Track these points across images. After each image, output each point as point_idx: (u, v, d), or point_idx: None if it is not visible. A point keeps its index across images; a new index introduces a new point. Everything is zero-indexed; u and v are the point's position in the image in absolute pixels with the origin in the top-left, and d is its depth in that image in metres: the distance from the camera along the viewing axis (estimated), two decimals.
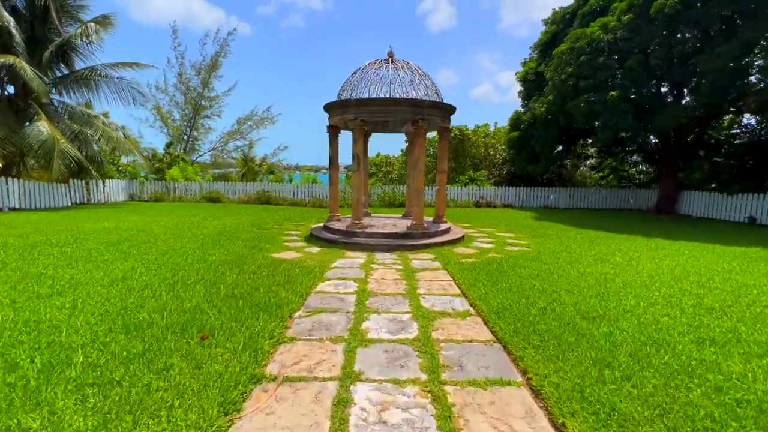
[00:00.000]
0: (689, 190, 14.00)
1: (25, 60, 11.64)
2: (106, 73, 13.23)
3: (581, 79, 12.00)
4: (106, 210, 11.83)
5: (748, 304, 3.81)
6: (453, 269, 5.22)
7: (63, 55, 13.10)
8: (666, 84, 12.91)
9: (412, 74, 7.74)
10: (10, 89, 12.63)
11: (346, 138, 8.70)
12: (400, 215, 10.16)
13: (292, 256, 5.94)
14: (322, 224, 8.57)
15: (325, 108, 7.89)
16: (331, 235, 7.37)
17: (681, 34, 11.12)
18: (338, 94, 7.89)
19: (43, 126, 11.57)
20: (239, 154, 23.01)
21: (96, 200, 14.46)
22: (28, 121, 12.02)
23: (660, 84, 12.76)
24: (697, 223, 11.42)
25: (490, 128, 20.82)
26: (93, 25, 12.45)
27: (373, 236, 7.15)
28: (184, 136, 23.39)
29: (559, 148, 16.29)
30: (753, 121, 14.85)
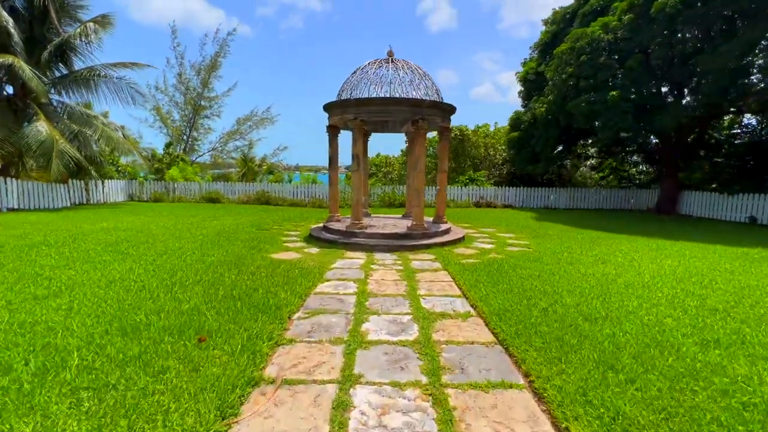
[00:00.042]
0: (689, 190, 13.98)
1: (23, 60, 11.60)
2: (105, 73, 13.19)
3: (582, 79, 11.97)
4: (105, 210, 11.79)
5: (752, 305, 3.77)
6: (453, 270, 5.19)
7: (62, 55, 13.07)
8: (666, 84, 12.89)
9: (412, 74, 7.70)
10: (9, 89, 12.60)
11: (345, 138, 8.67)
12: (400, 215, 10.12)
13: (292, 256, 5.90)
14: (321, 225, 8.53)
15: (325, 108, 7.85)
16: (330, 236, 7.33)
17: (681, 33, 11.09)
18: (338, 94, 7.86)
19: (42, 126, 11.53)
20: (239, 154, 22.99)
21: (95, 201, 14.43)
22: (26, 122, 11.97)
23: (660, 84, 12.74)
24: (697, 224, 11.39)
25: (490, 128, 20.77)
26: (92, 24, 12.42)
27: (372, 237, 7.11)
28: (184, 137, 23.36)
29: (560, 148, 16.25)
30: (753, 121, 14.85)
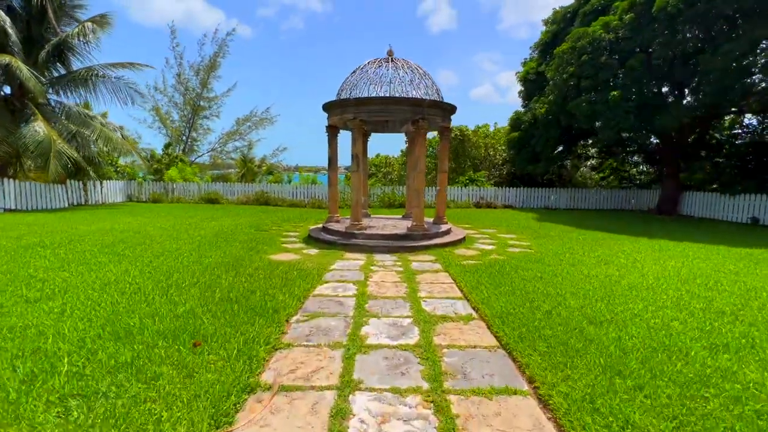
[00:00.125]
0: (690, 190, 13.92)
1: (21, 60, 11.53)
2: (103, 73, 13.11)
3: (583, 79, 11.90)
4: (103, 211, 11.71)
5: (759, 307, 3.70)
6: (454, 271, 5.11)
7: (60, 54, 13.00)
8: (667, 84, 12.82)
9: (412, 73, 7.63)
10: (7, 89, 12.53)
11: (345, 138, 8.60)
12: (400, 216, 10.04)
13: (290, 258, 5.82)
14: (320, 225, 8.45)
15: (324, 107, 7.78)
16: (330, 237, 7.26)
17: (682, 33, 11.03)
18: (337, 94, 7.79)
19: (40, 126, 11.46)
20: (238, 155, 22.94)
21: (93, 201, 14.35)
22: (24, 122, 11.90)
23: (661, 84, 12.67)
24: (699, 224, 11.32)
25: (490, 128, 20.71)
26: (90, 24, 12.35)
27: (372, 237, 7.04)
28: (183, 137, 23.29)
29: (560, 149, 16.18)
30: (754, 121, 14.79)
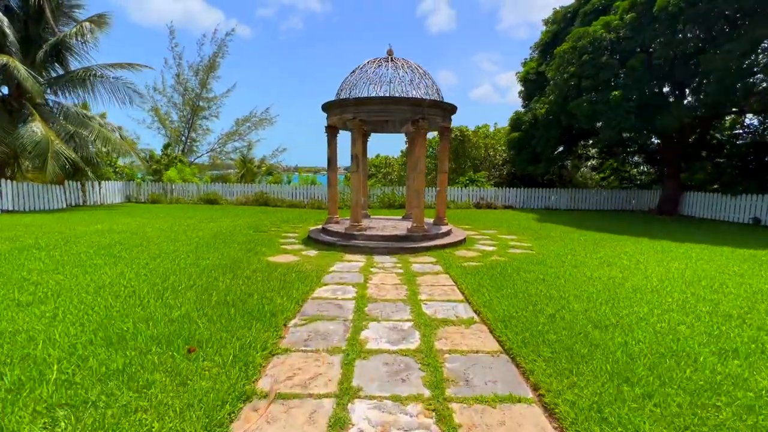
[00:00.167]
0: (691, 191, 13.85)
1: (18, 60, 11.46)
2: (101, 73, 13.05)
3: (583, 79, 11.83)
4: (101, 212, 11.63)
5: (767, 310, 3.63)
6: (455, 273, 5.04)
7: (58, 54, 12.92)
8: (668, 84, 12.76)
9: (412, 73, 7.56)
10: (4, 89, 12.46)
11: (345, 139, 8.52)
12: (400, 217, 9.97)
13: (289, 259, 5.75)
14: (320, 226, 8.38)
15: (324, 107, 7.71)
16: (329, 238, 7.18)
17: (683, 33, 10.97)
18: (337, 94, 7.72)
19: (37, 127, 11.39)
20: (238, 155, 22.88)
21: (92, 202, 14.27)
22: (22, 122, 11.82)
23: (662, 84, 12.61)
24: (700, 225, 11.24)
25: (490, 129, 20.65)
26: (88, 24, 12.28)
27: (372, 239, 6.96)
28: (182, 138, 23.22)
29: (560, 149, 16.10)
30: (755, 122, 14.73)
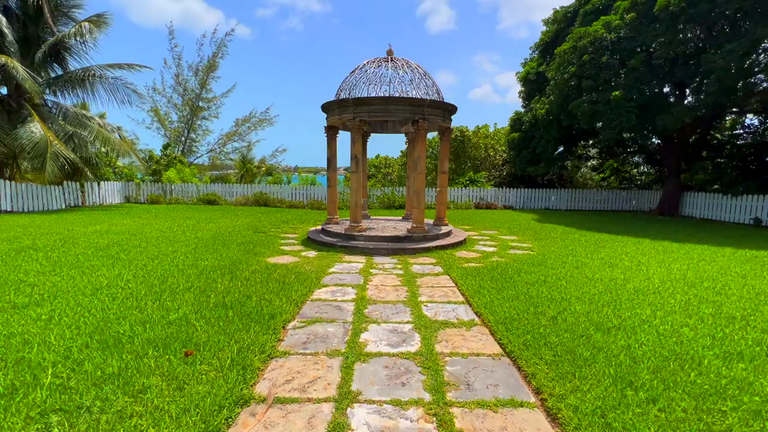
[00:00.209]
0: (691, 191, 13.82)
1: (17, 60, 11.43)
2: (100, 74, 13.01)
3: (584, 79, 11.81)
4: (100, 213, 11.59)
5: None
6: (455, 274, 5.01)
7: (57, 54, 12.89)
8: (668, 84, 12.73)
9: (412, 73, 7.53)
10: (3, 90, 12.42)
11: (345, 139, 8.50)
12: (400, 218, 9.94)
13: (288, 260, 5.71)
14: (319, 227, 8.35)
15: (323, 108, 7.67)
16: (328, 239, 7.15)
17: (683, 33, 10.94)
18: (336, 94, 7.68)
19: (36, 127, 11.35)
20: (237, 155, 22.81)
21: (91, 202, 14.23)
22: (20, 123, 11.78)
23: (663, 84, 12.58)
24: (701, 225, 11.21)
25: (490, 129, 20.62)
26: (87, 24, 12.24)
27: (372, 239, 6.93)
28: (182, 138, 23.18)
29: (560, 149, 16.07)
30: (756, 122, 14.70)
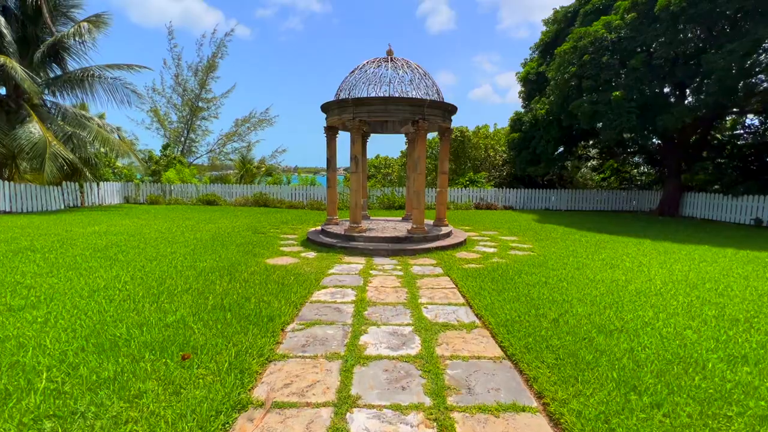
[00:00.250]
0: (692, 191, 13.79)
1: (16, 60, 11.40)
2: (99, 74, 12.98)
3: (584, 79, 11.78)
4: (99, 213, 11.56)
5: None
6: (456, 276, 4.97)
7: (56, 55, 12.86)
8: (669, 84, 12.70)
9: (412, 73, 7.50)
10: (2, 90, 12.38)
11: (344, 140, 8.47)
12: (400, 218, 9.90)
13: (288, 261, 5.68)
14: (319, 228, 8.31)
15: (323, 108, 7.64)
16: (328, 240, 7.12)
17: (684, 33, 10.91)
18: (336, 94, 7.65)
19: (35, 127, 11.32)
20: (237, 156, 22.77)
21: (90, 203, 14.19)
22: (19, 123, 11.75)
23: (663, 84, 12.55)
24: (701, 226, 11.18)
25: (490, 129, 20.59)
26: (86, 24, 12.21)
27: (372, 240, 6.90)
28: (181, 138, 23.13)
29: (560, 149, 16.04)
30: (756, 122, 14.68)
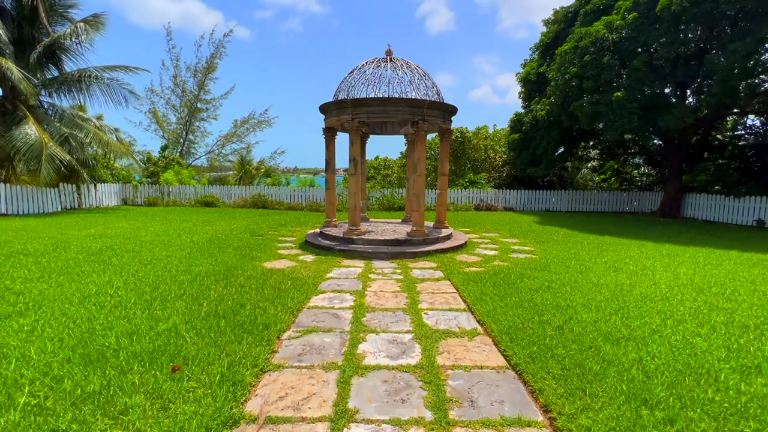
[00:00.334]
0: (693, 192, 13.70)
1: (12, 61, 11.30)
2: (97, 75, 12.88)
3: (585, 79, 11.69)
4: (96, 215, 11.45)
5: None
6: (457, 280, 4.87)
7: (52, 55, 12.75)
8: (670, 84, 12.61)
9: (412, 73, 7.41)
10: None
11: (343, 140, 8.37)
12: (400, 220, 9.80)
13: (285, 265, 5.58)
14: (318, 230, 8.21)
15: (321, 109, 7.54)
16: (327, 242, 7.01)
17: (686, 33, 10.83)
18: (335, 95, 7.55)
19: (31, 129, 11.21)
20: (236, 157, 22.66)
21: (87, 205, 14.07)
22: (15, 124, 11.63)
23: (664, 84, 12.46)
24: (704, 227, 11.08)
25: (490, 130, 20.49)
26: (82, 25, 12.11)
27: (371, 243, 6.79)
28: (180, 140, 23.02)
29: (561, 150, 15.95)
30: (757, 122, 14.60)
